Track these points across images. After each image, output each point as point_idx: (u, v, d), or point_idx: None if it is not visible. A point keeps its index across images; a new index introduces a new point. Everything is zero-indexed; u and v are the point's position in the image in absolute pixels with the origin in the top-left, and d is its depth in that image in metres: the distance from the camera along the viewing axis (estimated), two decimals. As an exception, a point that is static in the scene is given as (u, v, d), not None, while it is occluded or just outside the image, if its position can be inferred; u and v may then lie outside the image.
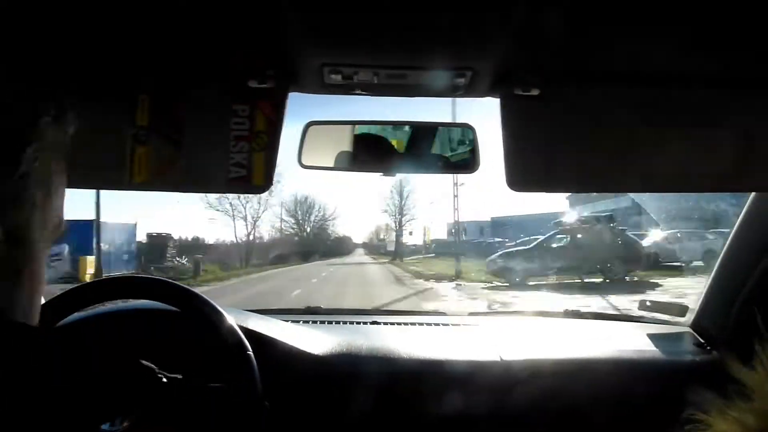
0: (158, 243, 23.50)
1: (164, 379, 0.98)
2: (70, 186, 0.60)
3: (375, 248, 49.03)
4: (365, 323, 1.68)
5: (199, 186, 1.12)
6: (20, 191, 0.51)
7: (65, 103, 0.57)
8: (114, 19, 0.81)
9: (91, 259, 17.44)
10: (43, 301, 1.42)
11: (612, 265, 13.44)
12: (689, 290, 7.84)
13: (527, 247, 15.76)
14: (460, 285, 14.83)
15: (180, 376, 1.01)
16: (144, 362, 0.96)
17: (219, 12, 0.79)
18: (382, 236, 49.54)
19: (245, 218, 35.70)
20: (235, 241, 35.67)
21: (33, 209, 0.53)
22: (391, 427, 1.35)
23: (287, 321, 1.52)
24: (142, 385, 0.95)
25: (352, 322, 1.69)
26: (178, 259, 23.68)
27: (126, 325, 1.32)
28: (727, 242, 1.47)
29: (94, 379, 0.88)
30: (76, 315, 1.20)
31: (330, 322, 1.67)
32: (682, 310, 1.65)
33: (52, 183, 0.56)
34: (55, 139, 0.55)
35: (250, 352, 1.10)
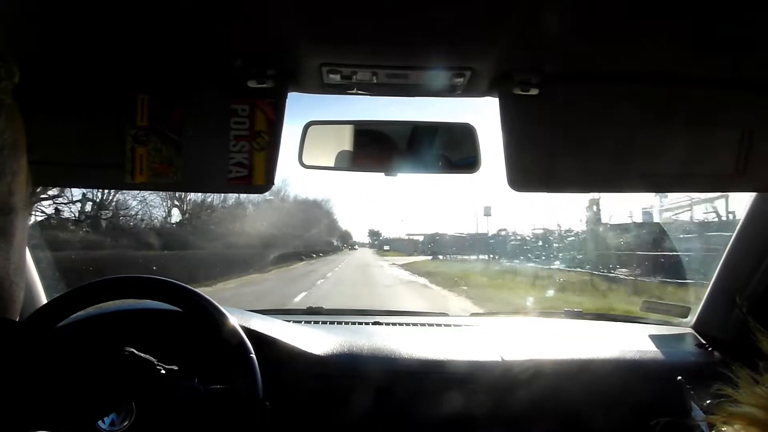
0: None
1: (162, 371, 0.98)
2: (71, 186, 0.61)
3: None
4: (367, 324, 1.68)
5: (199, 186, 1.13)
6: None
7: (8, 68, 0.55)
8: (114, 19, 0.81)
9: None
10: (45, 301, 1.44)
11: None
12: None
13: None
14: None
15: (176, 368, 1.01)
16: (142, 354, 0.96)
17: (218, 12, 0.80)
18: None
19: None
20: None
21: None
22: (393, 427, 1.35)
23: (289, 321, 1.52)
24: (140, 377, 0.95)
25: (353, 323, 1.69)
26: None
27: (129, 325, 1.32)
28: (729, 243, 1.46)
29: (92, 374, 0.88)
30: (80, 314, 1.20)
31: (332, 323, 1.67)
32: (684, 311, 1.64)
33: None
34: None
35: (252, 353, 1.10)
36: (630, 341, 1.53)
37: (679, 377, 1.16)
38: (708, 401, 0.57)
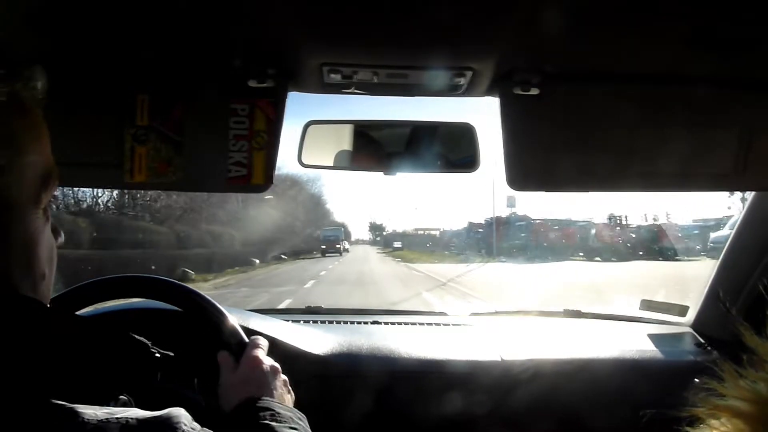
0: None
1: (157, 354, 0.97)
2: (71, 185, 0.62)
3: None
4: (366, 323, 1.68)
5: (198, 185, 1.13)
6: None
7: (33, 71, 0.58)
8: (114, 19, 0.81)
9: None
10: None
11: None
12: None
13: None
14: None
15: (172, 354, 1.00)
16: (137, 336, 0.95)
17: (218, 12, 0.79)
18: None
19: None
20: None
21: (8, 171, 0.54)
22: (392, 427, 1.35)
23: (288, 321, 1.52)
24: (134, 360, 0.94)
25: (352, 322, 1.69)
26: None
27: (128, 324, 1.32)
28: (728, 242, 1.47)
29: (86, 361, 0.87)
30: (77, 314, 1.20)
31: (331, 322, 1.67)
32: (682, 310, 1.64)
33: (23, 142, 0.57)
34: (26, 99, 0.58)
35: None
36: (629, 340, 1.53)
37: (697, 379, 1.16)
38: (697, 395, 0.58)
